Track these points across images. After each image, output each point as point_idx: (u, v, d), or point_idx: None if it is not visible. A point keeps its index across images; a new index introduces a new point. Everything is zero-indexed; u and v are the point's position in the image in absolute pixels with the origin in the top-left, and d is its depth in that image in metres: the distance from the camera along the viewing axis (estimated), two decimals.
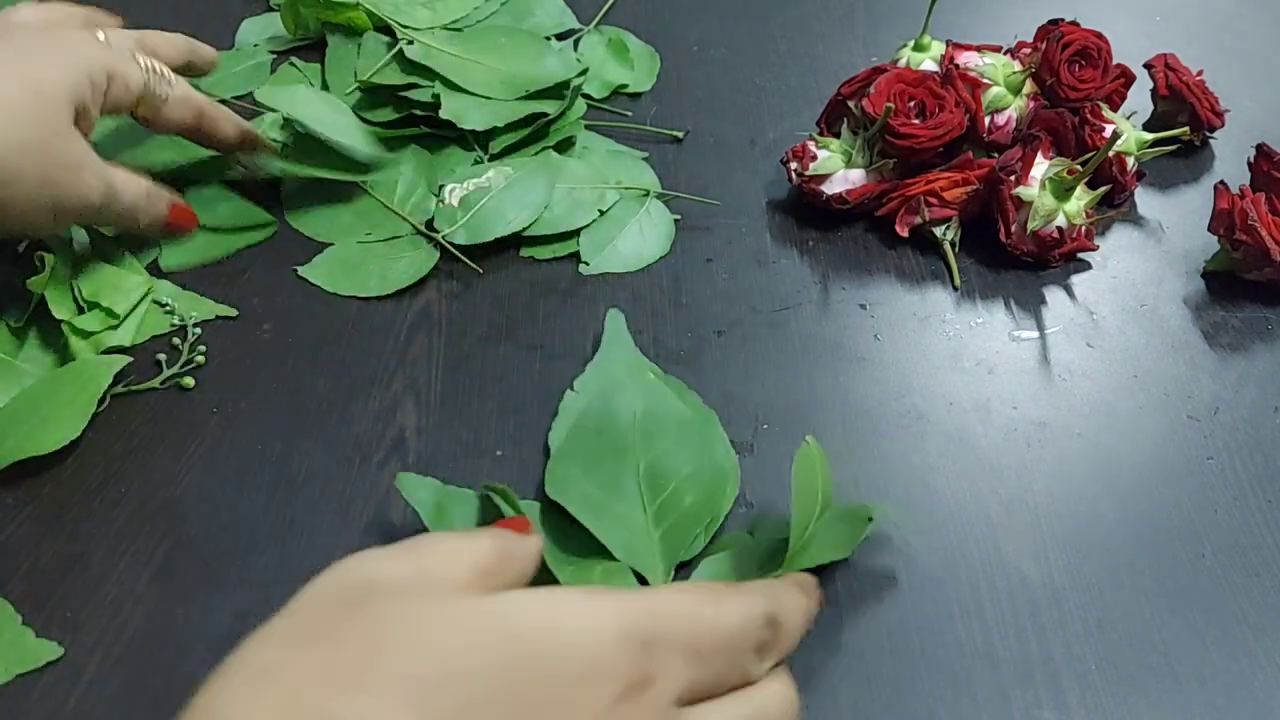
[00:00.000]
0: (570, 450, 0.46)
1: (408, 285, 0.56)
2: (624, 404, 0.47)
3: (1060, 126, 0.61)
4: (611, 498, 0.44)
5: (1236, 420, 0.51)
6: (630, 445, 0.46)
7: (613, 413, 0.47)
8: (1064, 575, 0.44)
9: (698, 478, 0.46)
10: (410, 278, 0.56)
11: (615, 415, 0.47)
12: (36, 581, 0.43)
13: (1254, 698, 0.41)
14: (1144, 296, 0.57)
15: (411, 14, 0.68)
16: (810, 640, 0.42)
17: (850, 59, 0.73)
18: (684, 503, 0.45)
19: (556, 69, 0.64)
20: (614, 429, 0.46)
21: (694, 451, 0.46)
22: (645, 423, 0.47)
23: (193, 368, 0.51)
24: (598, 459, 0.46)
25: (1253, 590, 0.44)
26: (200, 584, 0.43)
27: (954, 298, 0.57)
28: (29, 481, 0.47)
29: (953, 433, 0.50)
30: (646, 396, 0.48)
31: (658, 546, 0.43)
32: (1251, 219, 0.55)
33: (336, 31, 0.69)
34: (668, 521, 0.44)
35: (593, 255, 0.58)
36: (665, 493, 0.45)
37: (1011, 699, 0.40)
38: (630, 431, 0.46)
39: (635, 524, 0.44)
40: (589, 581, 0.42)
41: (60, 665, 0.41)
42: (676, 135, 0.66)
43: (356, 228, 0.58)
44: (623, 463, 0.45)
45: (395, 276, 0.56)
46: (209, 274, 0.56)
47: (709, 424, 0.49)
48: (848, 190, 0.59)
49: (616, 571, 0.42)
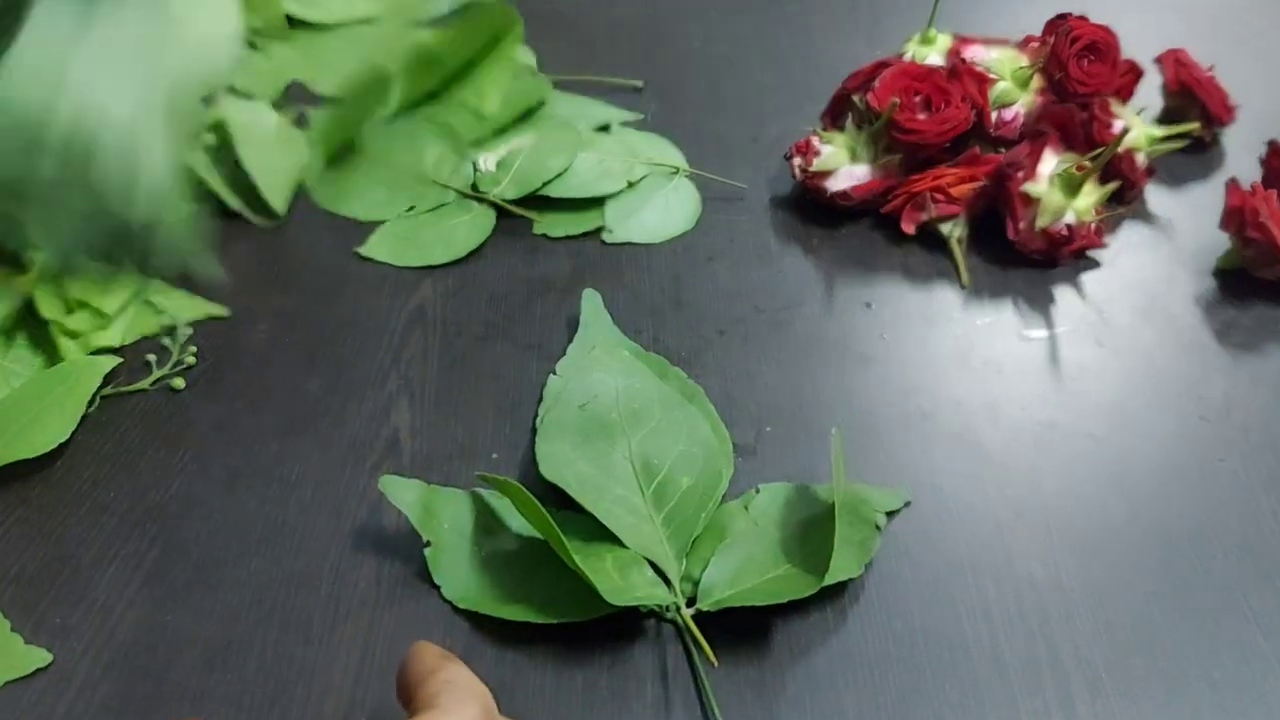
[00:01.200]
0: (555, 429, 0.46)
1: (475, 248, 0.57)
2: (602, 379, 0.47)
3: (1069, 122, 0.60)
4: (607, 478, 0.44)
5: (1249, 421, 0.50)
6: (616, 422, 0.46)
7: (591, 387, 0.47)
8: (1073, 577, 0.44)
9: (690, 457, 0.45)
10: (475, 240, 0.58)
11: (594, 390, 0.47)
12: (25, 587, 0.42)
13: (1265, 702, 0.40)
14: (1154, 295, 0.56)
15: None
16: (816, 644, 0.41)
17: (855, 53, 0.72)
18: (681, 485, 0.44)
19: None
20: (596, 404, 0.46)
21: (683, 430, 0.46)
22: (627, 400, 0.47)
23: (183, 369, 0.51)
24: (585, 436, 0.45)
25: (1265, 593, 0.43)
26: (191, 588, 0.43)
27: (961, 296, 0.56)
28: (17, 485, 0.46)
29: (960, 433, 0.49)
30: (625, 373, 0.48)
31: (662, 532, 0.43)
32: (1263, 216, 0.54)
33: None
34: (668, 504, 0.44)
35: (617, 224, 0.59)
36: (660, 473, 0.45)
37: (1019, 703, 0.40)
38: (613, 407, 0.46)
39: (636, 508, 0.43)
40: (602, 570, 0.41)
41: (50, 671, 0.40)
42: (636, 85, 0.69)
43: (397, 203, 0.60)
44: (612, 441, 0.45)
45: (460, 241, 0.58)
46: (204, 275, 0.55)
47: (695, 400, 0.49)
48: (852, 186, 0.59)
49: (629, 560, 0.42)
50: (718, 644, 0.40)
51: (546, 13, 0.76)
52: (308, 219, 0.60)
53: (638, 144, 0.64)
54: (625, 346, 0.51)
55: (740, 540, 0.44)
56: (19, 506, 0.45)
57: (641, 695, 0.40)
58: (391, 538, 0.45)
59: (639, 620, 0.42)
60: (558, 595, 0.41)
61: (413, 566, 0.43)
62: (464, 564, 0.43)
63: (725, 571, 0.42)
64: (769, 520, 0.45)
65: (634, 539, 0.43)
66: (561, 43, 0.73)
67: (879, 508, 0.45)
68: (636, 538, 0.43)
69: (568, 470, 0.44)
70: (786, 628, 0.42)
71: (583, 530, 0.43)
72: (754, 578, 0.42)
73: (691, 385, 0.50)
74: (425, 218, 0.59)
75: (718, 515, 0.44)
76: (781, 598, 0.40)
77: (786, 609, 0.42)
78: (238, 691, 0.39)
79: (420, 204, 0.60)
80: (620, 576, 0.41)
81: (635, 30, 0.75)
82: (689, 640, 0.41)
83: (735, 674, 0.40)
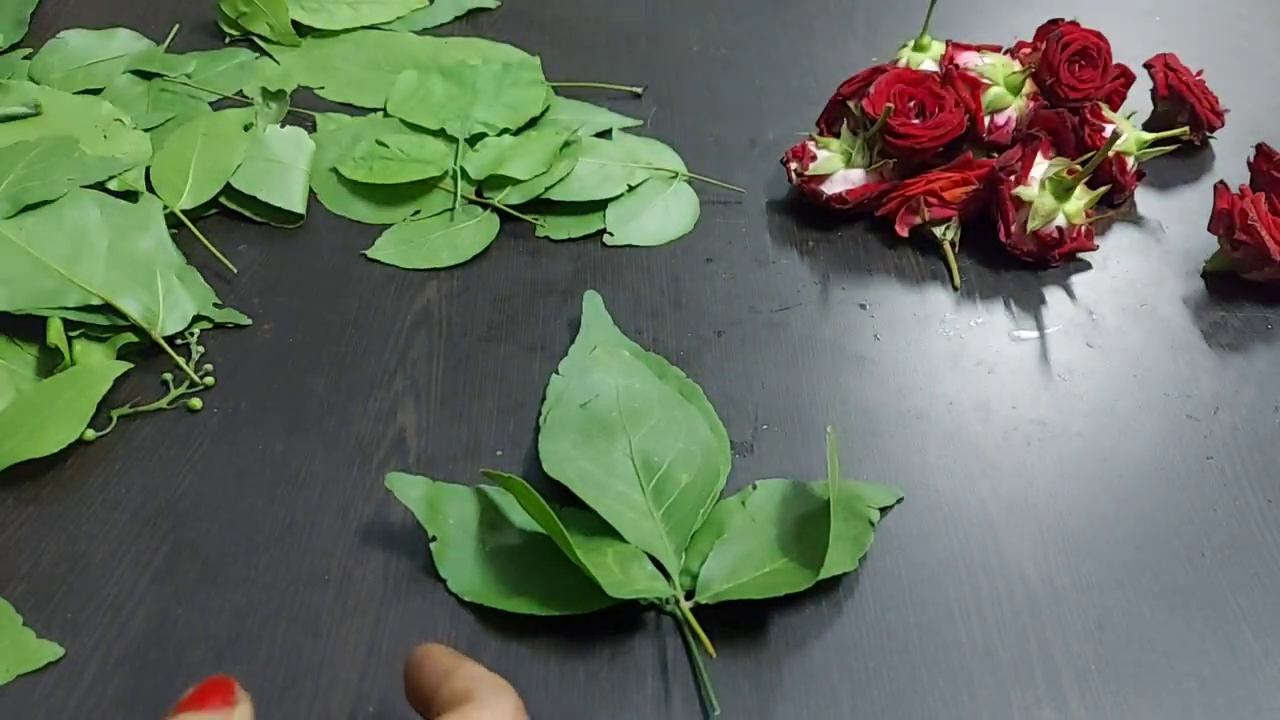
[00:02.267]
0: (557, 427, 0.47)
1: (479, 252, 0.58)
2: (602, 379, 0.48)
3: (1060, 126, 0.61)
4: (608, 475, 0.45)
5: (1236, 420, 0.51)
6: (616, 420, 0.47)
7: (592, 387, 0.48)
8: (1064, 575, 0.44)
9: (689, 455, 0.46)
10: (481, 244, 0.59)
11: (595, 389, 0.48)
12: (37, 583, 0.43)
13: (1253, 697, 0.41)
14: (1144, 296, 0.57)
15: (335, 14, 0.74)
16: (811, 638, 0.42)
17: (850, 59, 0.73)
18: (680, 481, 0.45)
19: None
20: (597, 403, 0.47)
21: (682, 428, 0.47)
22: (627, 399, 0.47)
23: (199, 390, 0.51)
24: (587, 434, 0.46)
25: (1252, 589, 0.44)
26: (201, 585, 0.43)
27: (954, 298, 0.57)
28: (29, 483, 0.47)
29: (953, 432, 0.50)
30: (625, 372, 0.49)
31: (661, 527, 0.44)
32: (1251, 219, 0.55)
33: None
34: (668, 500, 0.45)
35: (618, 227, 0.60)
36: (660, 470, 0.45)
37: (1011, 698, 0.40)
38: (614, 406, 0.47)
39: (637, 504, 0.44)
40: (603, 564, 0.42)
41: (61, 666, 0.41)
42: (635, 91, 0.70)
43: (404, 207, 0.61)
44: (613, 439, 0.46)
45: (466, 245, 0.59)
46: (208, 274, 0.56)
47: (694, 398, 0.50)
48: (848, 190, 0.59)
49: (629, 555, 0.43)
50: (715, 636, 0.41)
51: (547, 19, 0.77)
52: (315, 222, 0.61)
53: (638, 149, 0.65)
54: (625, 346, 0.52)
55: (738, 535, 0.44)
56: (31, 504, 0.46)
57: (642, 686, 0.41)
58: (398, 534, 0.45)
59: (639, 613, 0.43)
60: (560, 589, 0.42)
61: (419, 562, 0.44)
62: (469, 558, 0.44)
63: (723, 566, 0.43)
64: (765, 516, 0.45)
65: (634, 534, 0.43)
66: (562, 48, 0.74)
67: (873, 504, 0.46)
68: (637, 533, 0.43)
69: (570, 467, 0.45)
70: (782, 621, 0.43)
71: (584, 526, 0.44)
72: (751, 572, 0.43)
73: (690, 384, 0.51)
74: (431, 222, 0.60)
75: (716, 511, 0.45)
76: (778, 591, 0.41)
77: (782, 603, 0.42)
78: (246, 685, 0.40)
79: (426, 208, 0.61)
80: (621, 570, 0.42)
81: (635, 36, 0.76)
82: (688, 633, 0.42)
83: (733, 666, 0.41)
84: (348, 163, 0.62)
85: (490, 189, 0.61)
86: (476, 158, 0.62)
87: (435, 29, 0.75)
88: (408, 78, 0.68)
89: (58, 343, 0.50)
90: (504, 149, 0.63)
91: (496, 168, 0.61)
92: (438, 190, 0.62)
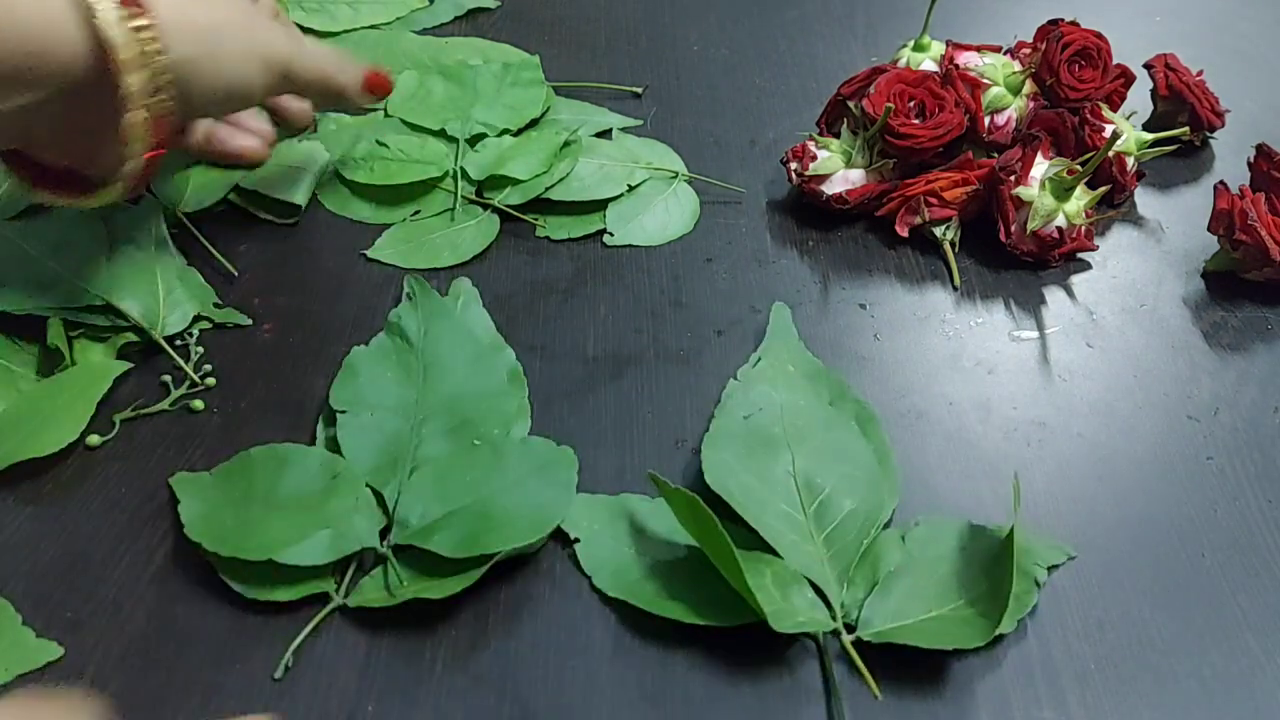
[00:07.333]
0: (722, 437, 0.46)
1: (480, 252, 0.58)
2: (766, 393, 0.48)
3: (1060, 126, 0.61)
4: (770, 493, 0.44)
5: (1236, 420, 0.51)
6: (779, 436, 0.46)
7: (756, 399, 0.48)
8: (1063, 575, 0.44)
9: (852, 480, 0.45)
10: (481, 244, 0.59)
11: (759, 402, 0.47)
12: (37, 582, 0.43)
13: (1253, 697, 0.41)
14: (1144, 296, 0.57)
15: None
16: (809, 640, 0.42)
17: (850, 59, 0.73)
18: (843, 507, 0.44)
19: None
20: (760, 417, 0.47)
21: (845, 452, 0.46)
22: (791, 416, 0.47)
23: (200, 390, 0.51)
24: (749, 448, 0.45)
25: (1252, 590, 0.44)
26: (200, 584, 0.43)
27: (954, 298, 0.57)
28: (29, 483, 0.47)
29: (952, 432, 0.50)
30: (788, 388, 0.48)
31: (823, 552, 0.42)
32: (1251, 219, 0.55)
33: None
34: (829, 526, 0.43)
35: (618, 227, 0.60)
36: (822, 494, 0.44)
37: (1011, 699, 0.40)
38: (777, 421, 0.47)
39: (799, 526, 0.43)
40: (762, 586, 0.40)
41: (61, 666, 0.41)
42: (635, 91, 0.70)
43: (405, 207, 0.61)
44: (775, 455, 0.45)
45: (466, 245, 0.59)
46: (210, 275, 0.56)
47: (868, 425, 0.48)
48: (848, 190, 0.59)
49: (789, 577, 0.41)
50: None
51: (547, 19, 0.77)
52: (315, 222, 0.61)
53: (638, 149, 0.65)
54: (807, 362, 0.51)
55: (900, 572, 0.43)
56: (31, 503, 0.46)
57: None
58: None
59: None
60: (707, 598, 0.41)
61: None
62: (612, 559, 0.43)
63: (888, 603, 0.41)
64: (928, 554, 0.43)
65: (794, 557, 0.42)
66: (562, 48, 0.74)
67: (1041, 561, 0.44)
68: (797, 556, 0.42)
69: (731, 480, 0.44)
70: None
71: (737, 541, 0.40)
72: (918, 613, 0.41)
73: (868, 411, 0.49)
74: (431, 222, 0.60)
75: (873, 543, 0.44)
76: (951, 644, 0.39)
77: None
78: (247, 685, 0.40)
79: (426, 208, 0.61)
80: (781, 595, 0.41)
81: (635, 36, 0.76)
82: (831, 662, 0.41)
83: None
84: (348, 163, 0.62)
85: (490, 189, 0.61)
86: (477, 158, 0.62)
87: (435, 29, 0.75)
88: (408, 78, 0.68)
89: (58, 343, 0.50)
90: (504, 149, 0.63)
91: (497, 168, 0.61)
92: (438, 190, 0.62)
